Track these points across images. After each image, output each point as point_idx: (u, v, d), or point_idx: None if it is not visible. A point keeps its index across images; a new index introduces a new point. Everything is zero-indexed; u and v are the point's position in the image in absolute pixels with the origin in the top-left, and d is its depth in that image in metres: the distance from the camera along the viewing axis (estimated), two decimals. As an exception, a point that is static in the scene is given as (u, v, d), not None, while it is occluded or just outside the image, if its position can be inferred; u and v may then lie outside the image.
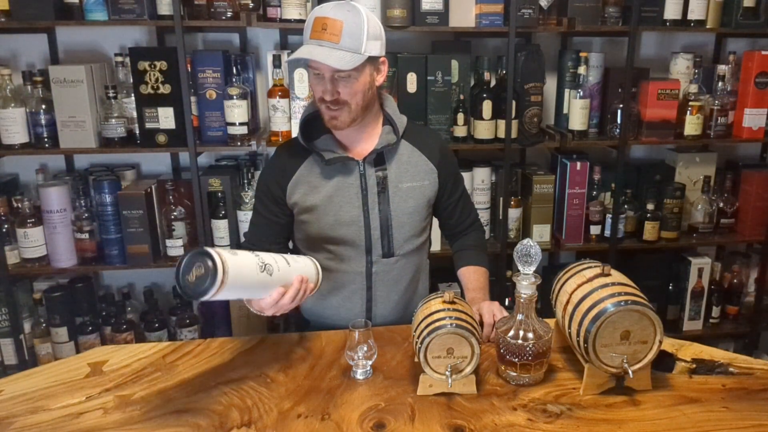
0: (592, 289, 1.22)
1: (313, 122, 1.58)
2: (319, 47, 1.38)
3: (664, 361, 1.33)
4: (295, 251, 1.70)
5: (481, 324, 1.45)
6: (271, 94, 2.25)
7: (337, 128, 1.50)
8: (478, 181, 2.46)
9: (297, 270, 1.31)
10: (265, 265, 1.21)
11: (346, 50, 1.38)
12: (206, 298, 1.08)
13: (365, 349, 1.30)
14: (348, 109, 1.46)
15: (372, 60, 1.45)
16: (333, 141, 1.55)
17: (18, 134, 2.19)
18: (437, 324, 1.20)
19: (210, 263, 1.07)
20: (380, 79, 1.51)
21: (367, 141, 1.57)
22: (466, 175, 2.42)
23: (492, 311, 1.48)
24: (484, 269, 1.72)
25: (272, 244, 1.60)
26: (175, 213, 2.33)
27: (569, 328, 1.25)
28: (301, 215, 1.59)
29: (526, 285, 1.24)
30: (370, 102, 1.52)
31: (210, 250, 1.08)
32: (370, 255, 1.60)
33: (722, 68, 2.47)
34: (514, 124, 2.34)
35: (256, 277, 1.18)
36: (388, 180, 1.57)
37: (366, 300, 1.63)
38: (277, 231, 1.62)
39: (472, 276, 1.69)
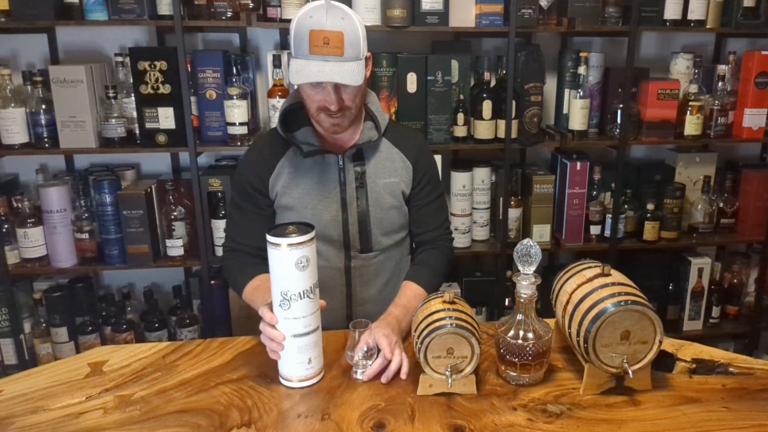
0: (592, 289, 1.22)
1: (291, 114, 1.56)
2: (325, 62, 1.35)
3: (664, 361, 1.33)
4: None
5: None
6: (271, 94, 2.24)
7: (338, 133, 1.50)
8: (478, 181, 2.46)
9: None
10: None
11: (351, 60, 1.37)
12: None
13: (365, 349, 1.29)
14: (350, 113, 1.46)
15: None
16: (313, 133, 1.54)
17: (18, 134, 2.19)
18: (437, 324, 1.20)
19: None
20: (368, 73, 1.48)
21: (348, 135, 1.56)
22: (466, 175, 2.42)
23: (390, 345, 1.31)
24: (422, 290, 1.55)
25: (259, 238, 1.47)
26: (175, 213, 2.33)
27: (569, 328, 1.25)
28: (281, 209, 1.58)
29: (526, 285, 1.24)
30: (363, 99, 1.53)
31: None
32: (348, 250, 1.59)
33: (722, 68, 2.47)
34: (514, 124, 2.34)
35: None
36: (367, 175, 1.57)
37: (345, 296, 1.63)
38: (263, 225, 1.52)
39: (405, 291, 1.55)
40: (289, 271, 1.20)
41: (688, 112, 2.42)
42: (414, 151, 1.63)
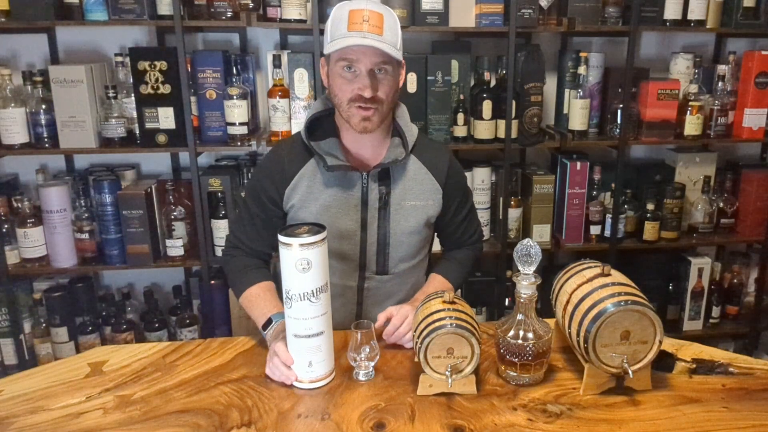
0: (592, 289, 1.22)
1: (317, 122, 1.50)
2: (364, 38, 1.32)
3: (664, 361, 1.33)
4: None
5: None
6: (271, 94, 2.25)
7: (367, 130, 1.41)
8: (478, 181, 2.46)
9: None
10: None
11: (389, 44, 1.34)
12: None
13: (368, 350, 1.29)
14: (380, 110, 1.39)
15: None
16: (338, 145, 1.47)
17: (18, 134, 2.19)
18: (437, 324, 1.20)
19: None
20: (401, 79, 1.46)
21: (375, 150, 1.49)
22: (466, 175, 2.42)
23: (406, 315, 1.41)
24: (450, 285, 1.61)
25: (264, 243, 1.54)
26: (175, 213, 2.33)
27: (569, 328, 1.25)
28: (295, 221, 1.49)
29: (526, 285, 1.24)
30: (394, 106, 1.48)
31: None
32: (363, 271, 1.55)
33: (722, 68, 2.47)
34: (514, 124, 2.34)
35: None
36: (391, 197, 1.49)
37: (356, 315, 1.59)
38: (268, 231, 1.53)
39: (434, 282, 1.60)
40: (290, 271, 1.21)
41: (688, 112, 2.42)
42: (444, 171, 1.54)
